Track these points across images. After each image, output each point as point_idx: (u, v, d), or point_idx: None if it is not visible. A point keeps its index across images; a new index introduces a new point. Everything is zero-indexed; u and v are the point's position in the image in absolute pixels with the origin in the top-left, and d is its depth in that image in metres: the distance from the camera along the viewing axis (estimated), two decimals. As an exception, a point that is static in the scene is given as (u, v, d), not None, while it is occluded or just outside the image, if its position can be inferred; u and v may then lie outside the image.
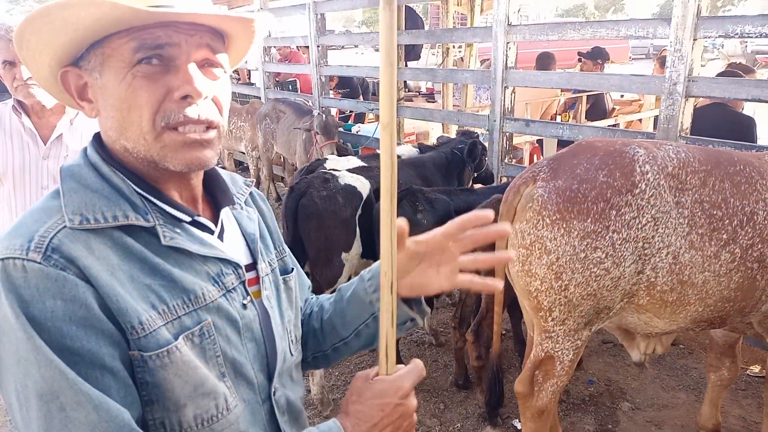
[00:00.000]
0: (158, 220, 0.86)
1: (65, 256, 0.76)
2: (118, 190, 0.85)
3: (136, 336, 0.79)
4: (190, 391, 0.83)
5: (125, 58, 0.82)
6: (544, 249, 2.05)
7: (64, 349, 0.74)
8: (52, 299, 0.74)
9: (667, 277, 2.08)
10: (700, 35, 3.26)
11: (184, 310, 0.84)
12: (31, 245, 0.76)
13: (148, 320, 0.80)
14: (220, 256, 0.91)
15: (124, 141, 0.86)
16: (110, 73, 0.83)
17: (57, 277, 0.75)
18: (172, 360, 0.81)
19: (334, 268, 3.16)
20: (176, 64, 0.83)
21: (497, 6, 4.18)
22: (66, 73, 0.88)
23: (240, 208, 1.05)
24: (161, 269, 0.84)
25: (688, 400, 3.21)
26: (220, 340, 0.88)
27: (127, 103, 0.82)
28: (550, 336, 2.17)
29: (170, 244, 0.85)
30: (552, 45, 10.03)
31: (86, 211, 0.81)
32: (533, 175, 2.16)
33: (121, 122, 0.84)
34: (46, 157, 2.23)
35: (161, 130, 0.83)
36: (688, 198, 2.06)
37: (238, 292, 0.93)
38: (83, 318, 0.75)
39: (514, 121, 4.40)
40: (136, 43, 0.81)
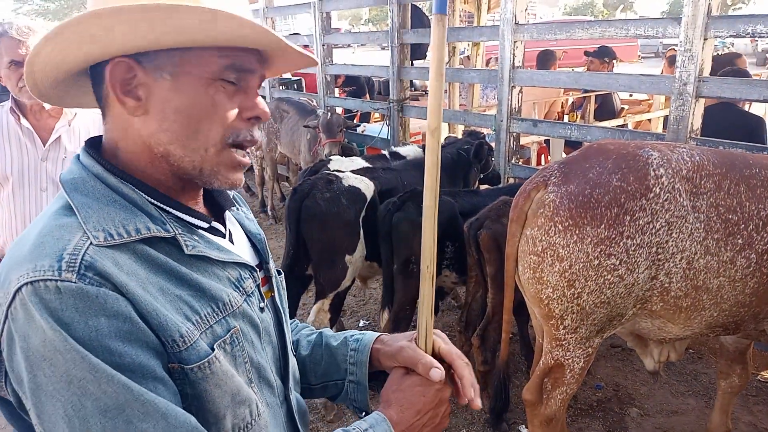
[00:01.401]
0: (177, 229, 0.84)
1: (100, 273, 0.72)
2: (131, 202, 0.82)
3: (177, 349, 0.77)
4: (229, 400, 0.82)
5: (213, 72, 0.82)
6: (556, 256, 2.00)
7: (116, 366, 0.71)
8: (95, 317, 0.70)
9: (682, 283, 2.03)
10: (711, 35, 3.20)
11: (214, 319, 0.83)
12: (62, 264, 0.71)
13: (187, 332, 0.78)
14: (238, 261, 0.91)
15: (176, 147, 0.83)
16: (189, 81, 0.82)
17: (97, 294, 0.71)
18: (213, 371, 0.80)
19: (337, 271, 3.11)
20: (250, 86, 0.87)
21: (504, 5, 4.13)
22: (120, 64, 0.81)
23: (237, 209, 1.04)
24: (188, 279, 0.82)
25: (698, 406, 3.16)
26: (247, 345, 0.87)
27: (202, 112, 0.83)
28: (560, 344, 2.12)
29: (193, 252, 0.83)
30: (560, 44, 9.97)
31: (108, 226, 0.77)
32: (544, 180, 2.10)
33: (185, 128, 0.82)
34: (45, 159, 2.20)
35: (225, 146, 0.85)
36: (704, 202, 2.01)
37: (255, 296, 0.93)
38: (129, 332, 0.72)
39: (522, 121, 4.35)
40: (228, 62, 0.83)
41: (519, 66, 4.22)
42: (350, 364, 1.06)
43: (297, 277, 3.20)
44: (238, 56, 0.84)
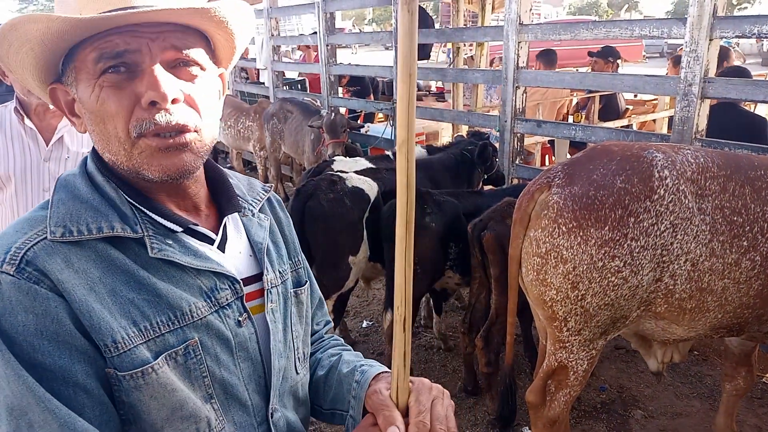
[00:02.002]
0: (147, 231, 0.82)
1: (39, 269, 0.74)
2: (108, 200, 0.83)
3: (110, 354, 0.76)
4: (167, 414, 0.79)
5: (90, 70, 0.79)
6: (560, 258, 1.99)
7: (35, 365, 0.72)
8: (24, 313, 0.72)
9: (686, 285, 2.02)
10: (716, 35, 3.19)
11: (168, 327, 0.80)
12: (6, 257, 0.74)
13: (123, 338, 0.76)
14: (215, 270, 0.86)
15: (108, 154, 0.83)
16: (82, 87, 0.81)
17: (29, 290, 0.73)
18: (147, 381, 0.77)
19: (341, 272, 3.11)
20: (141, 69, 0.79)
21: (509, 5, 4.12)
22: (54, 91, 0.86)
23: (252, 215, 0.99)
24: (146, 283, 0.80)
25: (703, 408, 3.14)
26: (208, 359, 0.84)
27: (100, 116, 0.80)
28: (564, 346, 2.11)
29: (158, 256, 0.82)
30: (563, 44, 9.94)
31: (70, 222, 0.79)
32: (548, 181, 2.10)
33: (101, 135, 0.82)
34: (48, 160, 2.20)
35: (135, 139, 0.80)
36: (709, 204, 1.99)
37: (233, 309, 0.88)
38: (55, 333, 0.73)
39: (526, 122, 4.34)
40: (97, 54, 0.78)
41: (523, 66, 4.21)
42: (352, 397, 0.98)
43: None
44: (107, 41, 0.78)
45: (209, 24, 0.86)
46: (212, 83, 0.88)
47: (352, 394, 0.98)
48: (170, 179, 0.82)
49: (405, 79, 0.74)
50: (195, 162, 0.84)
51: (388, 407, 0.85)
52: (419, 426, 0.82)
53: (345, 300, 3.33)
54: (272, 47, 7.33)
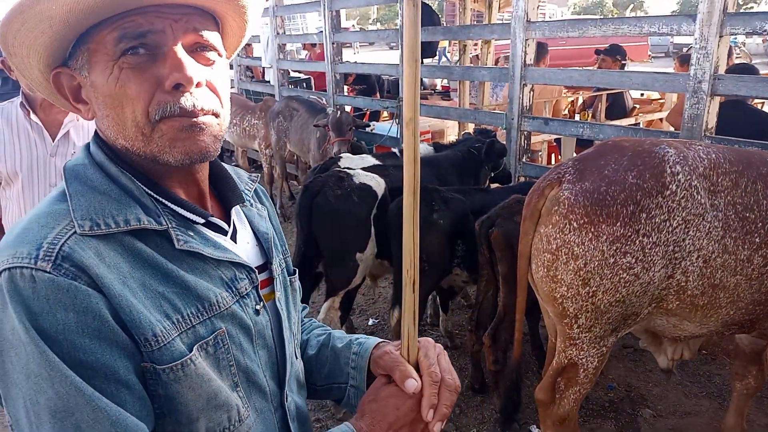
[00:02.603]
0: (171, 222, 0.81)
1: (76, 264, 0.71)
2: (127, 192, 0.80)
3: (150, 348, 0.74)
4: (203, 404, 0.79)
5: (109, 51, 0.76)
6: (571, 254, 1.97)
7: (78, 364, 0.69)
8: (64, 311, 0.69)
9: (698, 281, 2.00)
10: (727, 32, 3.16)
11: (198, 319, 0.79)
12: (39, 253, 0.71)
13: (162, 332, 0.75)
14: (234, 260, 0.87)
15: (122, 140, 0.80)
16: (98, 69, 0.78)
17: (69, 287, 0.70)
18: (186, 373, 0.77)
19: (348, 269, 3.10)
20: (163, 51, 0.77)
21: (516, 2, 4.10)
22: (57, 75, 0.83)
23: (250, 205, 1.00)
24: (174, 276, 0.79)
25: (712, 407, 3.12)
26: (234, 348, 0.84)
27: (118, 99, 0.77)
28: (574, 343, 2.09)
29: (184, 248, 0.81)
30: (570, 43, 9.89)
31: (96, 215, 0.76)
32: (558, 177, 2.08)
33: (116, 120, 0.79)
34: (54, 155, 2.20)
35: (156, 123, 0.77)
36: (721, 200, 1.98)
37: (251, 298, 0.89)
38: (97, 330, 0.70)
39: (533, 120, 4.32)
40: (118, 33, 0.75)
41: (530, 64, 4.19)
42: (351, 368, 1.02)
43: (307, 275, 3.19)
44: (130, 21, 0.75)
45: (231, 9, 0.85)
46: (227, 70, 0.88)
47: (351, 366, 1.02)
48: (191, 162, 0.81)
49: (411, 64, 0.81)
50: (214, 144, 0.83)
51: (402, 363, 0.90)
52: (432, 376, 0.88)
53: (352, 297, 3.31)
54: (278, 45, 7.33)
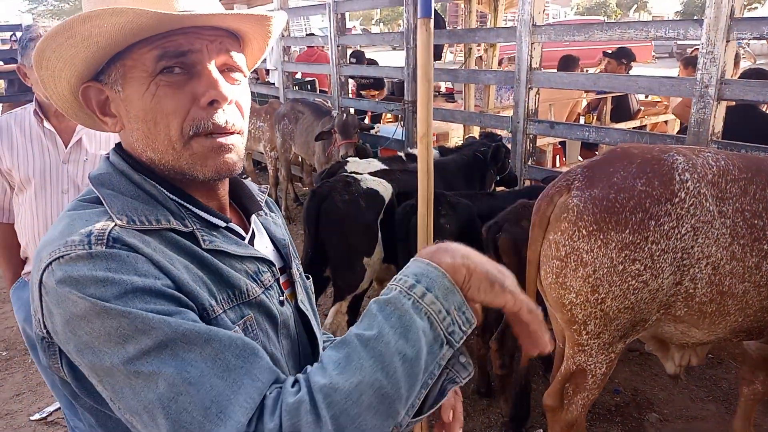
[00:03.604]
0: (195, 224, 0.85)
1: (128, 244, 0.74)
2: (152, 197, 0.84)
3: (207, 318, 0.78)
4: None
5: (148, 68, 0.80)
6: (580, 261, 1.98)
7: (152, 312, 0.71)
8: (127, 274, 0.71)
9: (707, 288, 2.01)
10: (733, 36, 3.16)
11: (229, 304, 0.83)
12: (91, 239, 0.74)
13: (210, 307, 0.79)
14: (256, 255, 0.91)
15: (151, 153, 0.84)
16: (133, 85, 0.81)
17: (128, 257, 0.73)
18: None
19: (355, 273, 3.11)
20: (198, 70, 0.81)
21: (522, 5, 4.11)
22: (87, 89, 0.86)
23: (264, 214, 1.06)
24: (208, 264, 0.83)
25: (718, 411, 3.12)
26: (261, 334, 0.87)
27: (152, 114, 0.81)
28: (583, 349, 2.10)
29: (210, 247, 0.85)
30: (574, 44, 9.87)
31: (131, 213, 0.80)
32: (567, 184, 2.09)
33: (147, 134, 0.83)
34: (66, 162, 2.21)
35: (189, 139, 0.82)
36: (730, 207, 1.98)
37: (274, 290, 0.93)
38: (161, 290, 0.73)
39: (538, 123, 4.32)
40: (159, 52, 0.79)
41: (536, 67, 4.20)
42: None
43: (315, 280, 3.19)
44: (171, 41, 0.80)
45: (259, 33, 0.90)
46: (248, 89, 0.92)
47: None
48: (218, 178, 0.85)
49: (424, 83, 0.90)
50: (239, 163, 0.87)
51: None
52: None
53: (359, 302, 3.33)
54: (282, 48, 7.34)
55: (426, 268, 0.76)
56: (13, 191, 2.25)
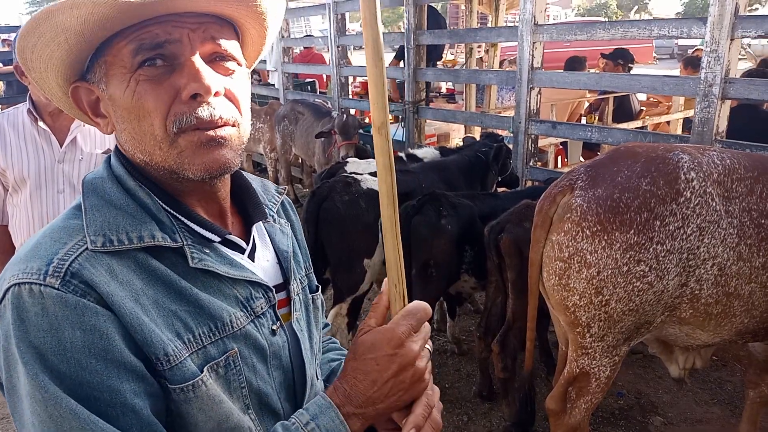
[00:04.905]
0: (186, 239, 0.80)
1: (85, 281, 0.70)
2: (144, 207, 0.79)
3: (162, 368, 0.73)
4: (214, 426, 0.77)
5: (126, 63, 0.75)
6: (583, 262, 1.95)
7: (82, 383, 0.68)
8: (71, 329, 0.68)
9: (713, 289, 1.97)
10: (738, 35, 3.13)
11: (210, 339, 0.78)
12: (49, 269, 0.70)
13: (174, 351, 0.73)
14: (251, 279, 0.84)
15: (140, 154, 0.79)
16: (115, 82, 0.76)
17: (77, 304, 0.68)
18: (197, 394, 0.75)
19: (356, 275, 3.08)
20: (180, 62, 0.75)
21: (523, 5, 4.08)
22: (76, 90, 0.81)
23: (273, 220, 0.97)
24: (187, 294, 0.77)
25: (723, 414, 3.08)
26: (246, 369, 0.81)
27: (135, 113, 0.76)
28: (586, 352, 2.06)
29: (198, 266, 0.79)
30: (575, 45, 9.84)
31: (110, 231, 0.75)
32: (570, 184, 2.05)
33: (133, 134, 0.78)
34: (61, 161, 2.18)
35: (174, 136, 0.76)
36: (736, 206, 1.95)
37: (267, 318, 0.86)
38: (103, 350, 0.69)
39: (540, 123, 4.29)
40: (135, 45, 0.74)
41: (538, 67, 4.16)
42: None
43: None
44: (146, 32, 0.74)
45: (249, 15, 0.83)
46: (247, 79, 0.85)
47: None
48: (210, 177, 0.79)
49: (377, 64, 0.78)
50: (234, 159, 0.81)
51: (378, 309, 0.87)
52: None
53: (359, 303, 3.29)
54: (282, 49, 7.32)
55: (339, 427, 0.77)
56: (7, 192, 2.22)
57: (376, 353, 0.79)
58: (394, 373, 0.79)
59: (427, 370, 0.84)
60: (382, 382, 0.79)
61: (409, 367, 0.80)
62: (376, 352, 0.79)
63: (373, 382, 0.79)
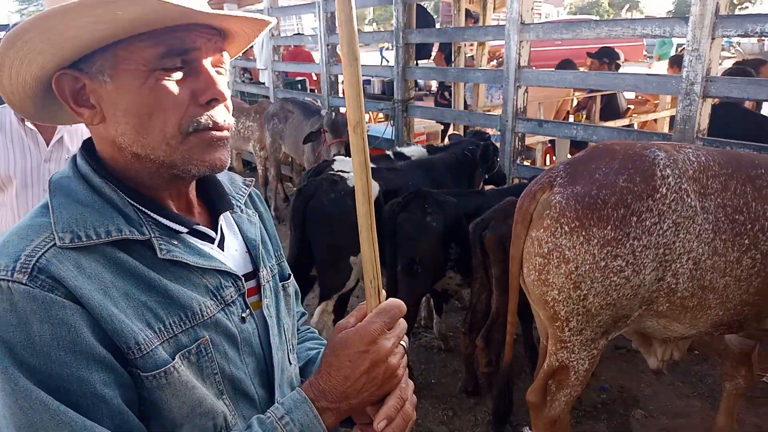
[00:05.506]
0: (153, 232, 0.82)
1: (53, 276, 0.72)
2: (110, 203, 0.81)
3: (133, 356, 0.75)
4: (188, 411, 0.80)
5: (148, 62, 0.78)
6: (562, 258, 1.99)
7: (52, 376, 0.70)
8: (39, 323, 0.70)
9: (688, 283, 2.02)
10: (719, 34, 3.18)
11: (180, 328, 0.81)
12: (16, 265, 0.72)
13: (144, 340, 0.76)
14: (220, 268, 0.88)
15: (137, 147, 0.82)
16: (127, 77, 0.78)
17: (44, 299, 0.71)
18: (170, 381, 0.78)
19: (342, 272, 3.11)
20: (196, 67, 0.81)
21: (510, 4, 4.11)
22: (62, 77, 0.82)
23: (240, 210, 1.01)
24: (157, 285, 0.80)
25: (703, 407, 3.14)
26: (218, 356, 0.84)
27: (148, 108, 0.79)
28: (565, 346, 2.11)
29: (167, 257, 0.82)
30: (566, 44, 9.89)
31: (77, 227, 0.77)
32: (550, 181, 2.09)
33: (138, 127, 0.80)
34: (48, 160, 2.20)
35: (187, 135, 0.81)
36: (711, 202, 1.99)
37: (237, 306, 0.89)
38: (72, 342, 0.71)
39: (527, 122, 4.33)
40: (164, 49, 0.78)
41: (525, 66, 4.20)
42: None
43: (301, 279, 3.20)
44: (176, 38, 0.79)
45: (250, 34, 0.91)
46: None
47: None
48: (211, 173, 0.86)
49: (351, 63, 0.80)
50: (228, 157, 0.87)
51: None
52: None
53: (345, 300, 3.32)
54: (272, 47, 7.33)
55: (313, 421, 0.81)
56: None
57: (349, 350, 0.83)
58: (366, 370, 0.83)
59: (401, 365, 0.87)
60: (355, 378, 0.83)
61: (381, 363, 0.84)
62: (349, 349, 0.83)
63: (346, 378, 0.83)
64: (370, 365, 0.83)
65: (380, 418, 0.85)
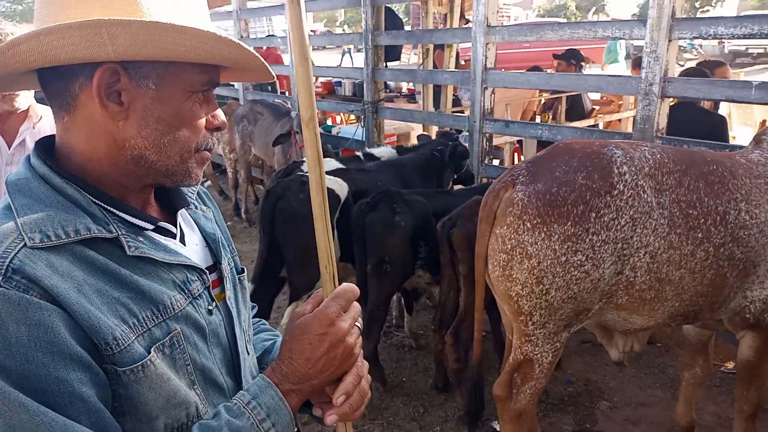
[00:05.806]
0: (120, 230, 0.84)
1: (28, 276, 0.72)
2: (74, 202, 0.82)
3: (110, 352, 0.76)
4: (163, 402, 0.82)
5: (193, 85, 0.87)
6: (525, 254, 2.04)
7: (29, 376, 0.70)
8: (15, 324, 0.70)
9: (646, 276, 2.09)
10: (675, 36, 3.29)
11: (153, 322, 0.82)
12: None
13: (121, 335, 0.77)
14: (185, 263, 0.90)
15: (151, 153, 0.86)
16: (173, 91, 0.85)
17: (20, 300, 0.71)
18: (147, 374, 0.79)
19: (311, 272, 3.12)
20: (209, 97, 0.91)
21: (476, 7, 4.18)
22: (109, 69, 0.80)
23: (195, 207, 1.05)
24: (128, 281, 0.81)
25: (665, 397, 3.24)
26: (189, 348, 0.87)
27: (180, 121, 0.86)
28: (529, 339, 2.16)
29: (136, 254, 0.83)
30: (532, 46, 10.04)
31: (45, 227, 0.77)
32: (512, 179, 2.15)
33: (163, 136, 0.85)
34: (10, 164, 2.17)
35: (195, 152, 0.90)
36: (666, 198, 2.07)
37: (203, 299, 0.92)
38: (49, 343, 0.71)
39: (494, 122, 4.41)
40: (208, 78, 0.88)
41: (491, 67, 4.28)
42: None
43: (271, 280, 3.20)
44: (215, 72, 0.90)
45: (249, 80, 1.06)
46: None
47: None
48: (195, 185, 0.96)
49: (302, 63, 0.88)
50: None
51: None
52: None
53: (316, 300, 3.33)
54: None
55: (279, 404, 0.86)
56: None
57: (309, 334, 0.88)
58: (325, 351, 0.88)
59: (357, 344, 0.93)
60: (316, 359, 0.88)
61: (339, 344, 0.89)
62: (309, 333, 0.88)
63: (308, 360, 0.87)
64: (330, 346, 0.88)
65: (339, 393, 0.90)
